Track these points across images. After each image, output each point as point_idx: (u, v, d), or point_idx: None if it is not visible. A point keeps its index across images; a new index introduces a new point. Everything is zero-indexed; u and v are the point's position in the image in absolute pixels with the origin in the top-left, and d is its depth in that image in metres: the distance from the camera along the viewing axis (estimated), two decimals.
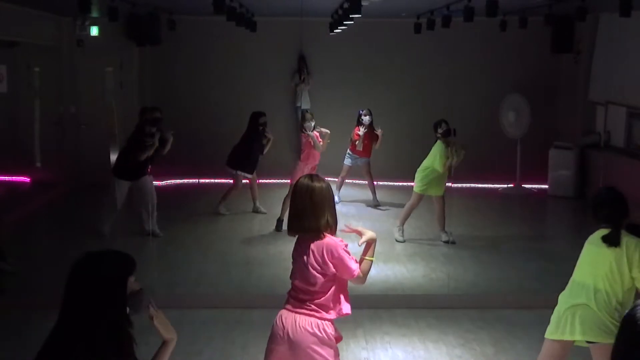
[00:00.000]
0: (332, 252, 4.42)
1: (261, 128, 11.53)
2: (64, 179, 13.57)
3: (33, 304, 7.56)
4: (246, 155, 11.52)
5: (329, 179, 12.17)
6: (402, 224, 10.45)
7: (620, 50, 12.49)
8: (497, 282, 8.94)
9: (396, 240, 10.36)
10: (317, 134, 10.74)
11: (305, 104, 14.19)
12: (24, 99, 14.12)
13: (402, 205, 11.40)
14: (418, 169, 10.24)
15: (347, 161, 12.48)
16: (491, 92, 14.05)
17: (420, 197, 10.21)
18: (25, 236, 10.69)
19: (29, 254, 9.78)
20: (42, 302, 7.35)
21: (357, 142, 12.22)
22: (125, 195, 10.22)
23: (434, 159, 9.98)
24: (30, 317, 7.26)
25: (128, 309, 3.11)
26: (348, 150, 12.45)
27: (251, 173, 11.68)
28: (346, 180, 12.86)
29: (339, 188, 12.57)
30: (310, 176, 4.55)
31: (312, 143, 10.57)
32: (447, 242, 10.20)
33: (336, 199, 12.42)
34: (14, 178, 14.00)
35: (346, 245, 4.48)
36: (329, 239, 4.44)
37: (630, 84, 12.28)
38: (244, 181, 11.69)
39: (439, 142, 10.02)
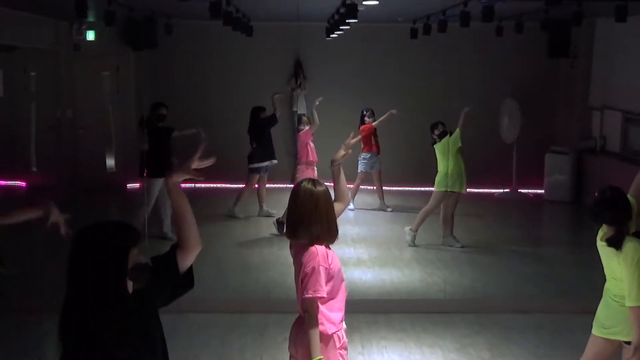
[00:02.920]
0: (306, 262, 4.22)
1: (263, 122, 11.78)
2: (61, 183, 13.54)
3: (30, 307, 7.56)
4: (256, 148, 11.76)
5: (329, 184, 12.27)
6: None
7: (616, 55, 12.53)
8: (494, 286, 8.96)
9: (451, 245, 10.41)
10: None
11: (301, 108, 14.19)
12: (20, 103, 14.11)
13: (397, 209, 11.41)
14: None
15: (363, 167, 12.45)
16: (487, 96, 14.06)
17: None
18: (21, 240, 10.66)
19: (25, 258, 9.76)
20: (38, 306, 7.36)
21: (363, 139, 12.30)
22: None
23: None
24: (27, 321, 7.26)
25: (131, 282, 3.01)
26: (363, 155, 12.45)
27: (267, 160, 11.83)
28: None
29: (354, 196, 12.51)
30: (313, 181, 4.40)
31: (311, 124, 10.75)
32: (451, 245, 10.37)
33: (351, 206, 12.50)
34: (10, 182, 13.99)
35: (325, 269, 4.22)
36: (313, 247, 4.24)
37: (626, 88, 12.31)
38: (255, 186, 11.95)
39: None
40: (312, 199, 4.27)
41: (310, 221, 4.24)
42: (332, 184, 4.65)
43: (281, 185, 12.92)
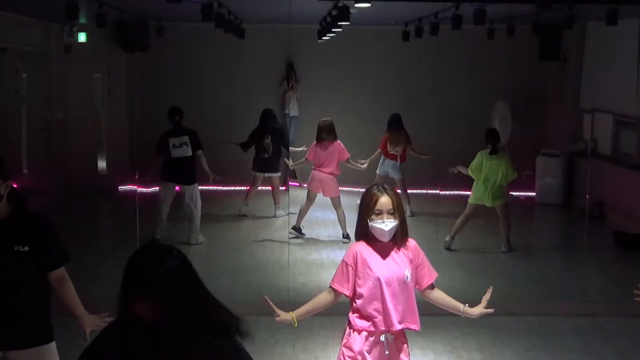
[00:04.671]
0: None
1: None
2: (51, 185, 13.50)
3: None
4: (260, 155, 11.89)
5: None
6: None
7: (607, 58, 12.57)
8: (484, 289, 8.91)
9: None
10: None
11: (293, 111, 14.19)
12: (11, 105, 14.05)
13: None
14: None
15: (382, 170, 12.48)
16: (479, 99, 14.08)
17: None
18: None
19: None
20: None
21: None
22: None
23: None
24: None
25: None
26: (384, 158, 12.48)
27: (266, 172, 11.87)
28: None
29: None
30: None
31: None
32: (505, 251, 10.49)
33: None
34: None
35: (347, 265, 4.53)
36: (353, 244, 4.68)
37: (617, 91, 12.35)
38: (267, 187, 11.98)
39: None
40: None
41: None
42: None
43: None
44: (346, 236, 10.61)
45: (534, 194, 13.80)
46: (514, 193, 13.86)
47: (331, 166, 10.73)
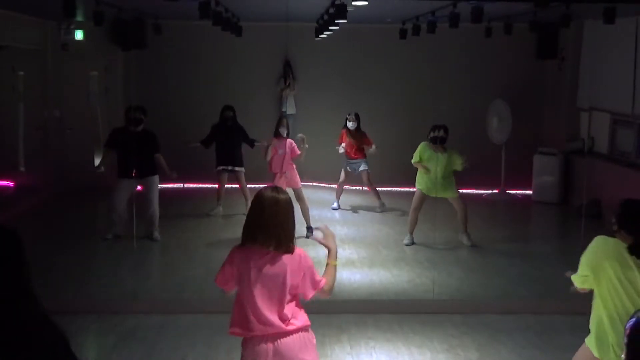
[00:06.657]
0: (306, 260, 4.46)
1: (229, 123, 12.07)
2: (49, 183, 13.49)
3: None
4: (220, 149, 12.09)
5: (322, 185, 12.29)
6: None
7: (604, 57, 12.58)
8: (481, 287, 8.98)
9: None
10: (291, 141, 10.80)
11: (290, 109, 14.18)
12: (8, 102, 14.04)
13: (386, 210, 11.36)
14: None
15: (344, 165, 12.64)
16: (476, 97, 14.10)
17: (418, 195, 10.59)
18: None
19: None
20: None
21: (341, 146, 12.39)
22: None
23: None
24: None
25: None
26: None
27: (229, 166, 11.98)
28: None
29: (339, 196, 12.60)
30: (274, 188, 4.53)
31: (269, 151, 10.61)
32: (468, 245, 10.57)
33: (335, 205, 12.58)
34: None
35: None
36: (299, 249, 4.44)
37: (614, 90, 12.36)
38: (234, 186, 11.96)
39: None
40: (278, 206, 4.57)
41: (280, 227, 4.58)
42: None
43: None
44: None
45: (531, 192, 13.82)
46: (511, 191, 13.90)
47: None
